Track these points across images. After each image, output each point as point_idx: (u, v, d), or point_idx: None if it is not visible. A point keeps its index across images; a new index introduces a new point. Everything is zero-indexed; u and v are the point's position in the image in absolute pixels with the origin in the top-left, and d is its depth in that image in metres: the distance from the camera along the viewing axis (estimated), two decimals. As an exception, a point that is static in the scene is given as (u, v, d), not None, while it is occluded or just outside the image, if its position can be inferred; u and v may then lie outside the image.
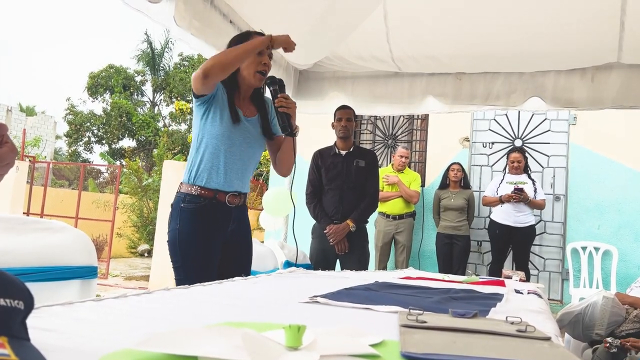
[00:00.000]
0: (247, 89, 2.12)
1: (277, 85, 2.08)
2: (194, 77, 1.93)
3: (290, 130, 2.06)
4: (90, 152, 21.48)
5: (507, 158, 5.09)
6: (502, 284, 2.27)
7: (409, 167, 5.84)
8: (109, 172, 19.28)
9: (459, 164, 5.27)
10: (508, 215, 4.81)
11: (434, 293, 1.60)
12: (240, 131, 2.04)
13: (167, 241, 2.04)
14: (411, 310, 1.03)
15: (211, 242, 2.04)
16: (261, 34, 2.12)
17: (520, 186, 4.78)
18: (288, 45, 2.07)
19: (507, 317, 1.04)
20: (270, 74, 2.13)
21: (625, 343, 2.29)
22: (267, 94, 2.19)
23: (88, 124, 20.53)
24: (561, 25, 3.18)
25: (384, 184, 5.12)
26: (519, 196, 4.70)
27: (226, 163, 2.02)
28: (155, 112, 21.79)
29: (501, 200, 4.82)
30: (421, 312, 1.02)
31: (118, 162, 18.87)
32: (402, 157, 5.25)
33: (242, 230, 2.16)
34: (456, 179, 5.20)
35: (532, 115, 5.60)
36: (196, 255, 2.00)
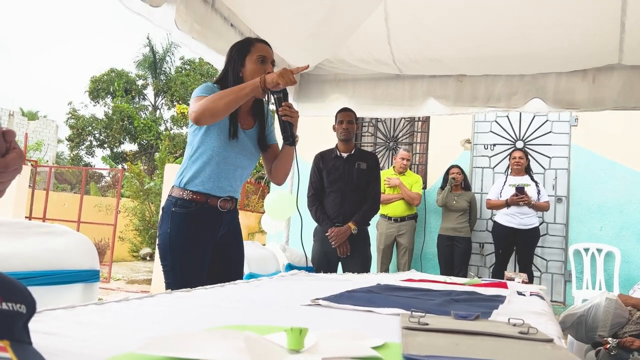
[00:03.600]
0: (249, 100, 2.08)
1: (282, 94, 2.03)
2: (189, 115, 1.94)
3: (292, 139, 2.05)
4: (92, 156, 21.52)
5: (509, 158, 5.08)
6: (504, 285, 2.27)
7: (410, 169, 5.84)
8: (110, 175, 19.30)
9: (457, 166, 5.26)
10: (512, 217, 4.80)
11: (436, 295, 1.60)
12: (237, 144, 2.03)
13: (157, 244, 2.03)
14: (413, 313, 1.03)
15: (202, 246, 2.03)
16: (262, 41, 2.11)
17: (521, 185, 4.76)
18: (282, 79, 1.88)
19: (509, 319, 1.04)
20: None
21: (623, 342, 2.28)
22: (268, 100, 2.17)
23: (90, 127, 20.57)
24: (562, 27, 3.18)
25: (385, 186, 5.11)
26: (522, 197, 4.68)
27: (219, 171, 2.02)
28: (157, 115, 21.83)
29: (507, 204, 4.79)
30: (423, 314, 1.02)
31: (120, 166, 18.91)
32: (403, 159, 5.25)
33: (233, 233, 2.16)
34: (456, 182, 5.19)
35: (534, 116, 5.60)
36: (186, 258, 2.00)
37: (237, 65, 2.04)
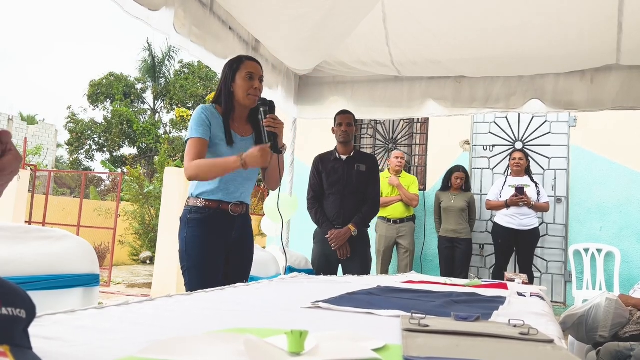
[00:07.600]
0: (243, 110, 2.26)
1: (267, 107, 2.21)
2: (184, 169, 2.12)
3: (276, 148, 2.18)
4: (92, 160, 21.53)
5: (509, 159, 5.08)
6: (504, 287, 2.27)
7: (410, 171, 5.85)
8: (110, 179, 19.30)
9: (461, 168, 5.22)
10: (512, 219, 4.79)
11: (436, 297, 1.59)
12: (236, 151, 2.15)
13: (178, 250, 2.20)
14: (413, 314, 1.03)
15: (216, 247, 2.18)
16: (251, 59, 2.25)
17: (520, 185, 4.76)
18: (262, 160, 2.07)
19: (509, 320, 1.04)
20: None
21: None
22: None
23: (89, 132, 20.58)
24: (559, 28, 3.19)
25: (388, 186, 5.11)
26: (521, 197, 4.68)
27: (227, 179, 2.17)
28: (156, 119, 21.84)
29: (507, 205, 4.79)
30: (423, 316, 1.02)
31: (119, 170, 18.90)
32: (397, 158, 5.24)
33: (245, 239, 2.32)
34: (457, 185, 5.18)
35: (532, 117, 5.60)
36: (202, 258, 2.15)
37: (228, 82, 2.21)
